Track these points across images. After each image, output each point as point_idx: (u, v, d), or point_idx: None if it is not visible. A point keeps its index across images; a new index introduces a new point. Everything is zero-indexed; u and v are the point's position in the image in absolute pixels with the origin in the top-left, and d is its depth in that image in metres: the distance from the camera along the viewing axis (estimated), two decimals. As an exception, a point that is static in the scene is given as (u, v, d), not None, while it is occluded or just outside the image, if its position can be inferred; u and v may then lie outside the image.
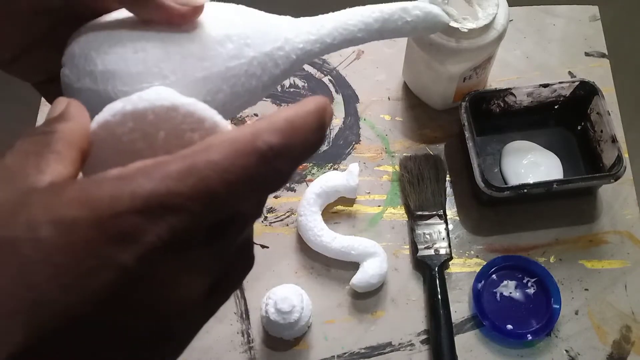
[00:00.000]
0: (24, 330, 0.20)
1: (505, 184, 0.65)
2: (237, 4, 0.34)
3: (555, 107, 0.67)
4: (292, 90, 0.71)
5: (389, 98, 0.71)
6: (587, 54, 0.73)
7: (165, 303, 0.22)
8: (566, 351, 0.59)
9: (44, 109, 0.71)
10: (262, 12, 0.33)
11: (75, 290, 0.20)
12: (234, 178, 0.21)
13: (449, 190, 0.66)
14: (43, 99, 0.72)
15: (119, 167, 0.22)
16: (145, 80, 0.29)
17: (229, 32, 0.31)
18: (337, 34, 0.32)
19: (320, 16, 0.33)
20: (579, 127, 0.67)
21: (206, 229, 0.22)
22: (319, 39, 0.32)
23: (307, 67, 0.72)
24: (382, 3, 0.34)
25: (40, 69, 0.33)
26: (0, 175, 0.23)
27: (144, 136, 0.26)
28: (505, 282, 0.61)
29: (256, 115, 0.70)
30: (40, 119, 0.70)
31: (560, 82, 0.65)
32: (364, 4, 0.34)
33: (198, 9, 0.29)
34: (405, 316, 0.61)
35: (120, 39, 0.30)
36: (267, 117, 0.23)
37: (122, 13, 0.31)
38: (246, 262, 0.27)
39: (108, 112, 0.26)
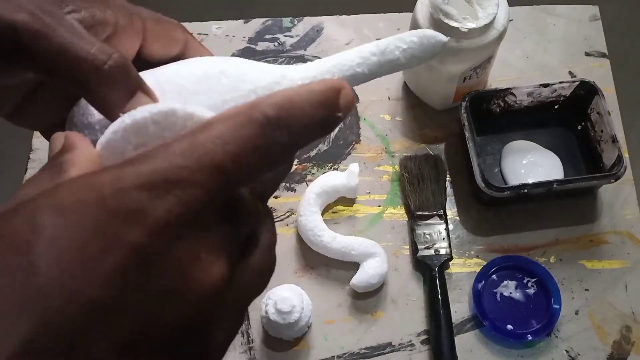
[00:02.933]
0: (32, 317, 0.19)
1: (505, 184, 0.65)
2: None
3: (556, 107, 0.67)
4: (292, 90, 0.71)
5: (389, 98, 0.71)
6: (587, 54, 0.73)
7: (187, 285, 0.21)
8: (566, 351, 0.59)
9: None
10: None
11: (85, 273, 0.19)
12: (237, 149, 0.22)
13: (449, 190, 0.66)
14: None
15: None
16: None
17: (224, 69, 0.30)
18: (336, 70, 0.31)
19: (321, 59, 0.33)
20: (579, 127, 0.67)
21: (218, 205, 0.22)
22: (318, 74, 0.31)
23: (307, 67, 0.72)
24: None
25: (39, 119, 0.33)
26: (12, 202, 0.22)
27: None
28: (505, 282, 0.61)
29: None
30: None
31: (560, 82, 0.65)
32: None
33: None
34: (405, 316, 0.61)
35: None
36: (269, 94, 0.23)
37: None
38: (269, 262, 0.27)
39: (109, 131, 0.26)
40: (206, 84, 0.30)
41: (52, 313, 0.19)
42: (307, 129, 0.24)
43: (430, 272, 0.61)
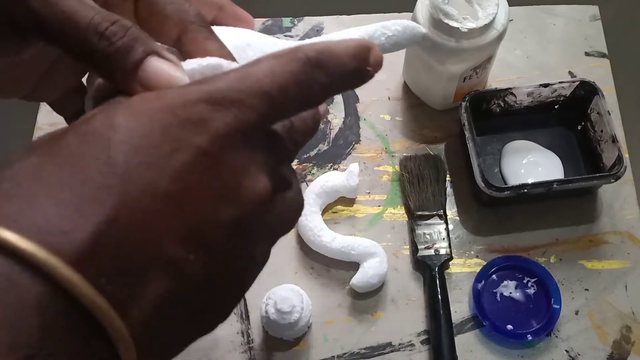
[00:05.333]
0: (111, 202, 0.21)
1: (505, 184, 0.65)
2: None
3: (556, 107, 0.67)
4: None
5: (389, 98, 0.71)
6: (587, 54, 0.73)
7: (239, 190, 0.24)
8: (566, 351, 0.59)
9: (44, 109, 0.71)
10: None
11: (158, 167, 0.22)
12: (282, 81, 0.25)
13: (449, 190, 0.66)
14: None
15: None
16: None
17: (249, 41, 0.34)
18: None
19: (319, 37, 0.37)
20: (579, 127, 0.67)
21: (266, 131, 0.26)
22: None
23: (307, 67, 0.72)
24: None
25: (54, 91, 0.35)
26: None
27: None
28: (505, 282, 0.61)
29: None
30: (40, 119, 0.70)
31: (560, 82, 0.65)
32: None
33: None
34: (405, 316, 0.61)
35: None
36: (310, 42, 0.27)
37: None
38: (300, 202, 0.30)
39: None
40: (236, 54, 0.32)
41: (131, 199, 0.22)
42: (342, 74, 0.27)
43: (430, 272, 0.61)
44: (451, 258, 0.62)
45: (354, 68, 0.27)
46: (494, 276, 0.61)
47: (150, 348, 0.23)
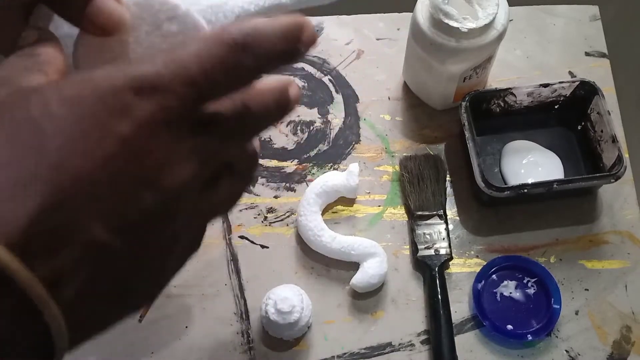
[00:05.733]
0: (44, 189, 0.22)
1: (505, 184, 0.65)
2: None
3: (556, 107, 0.67)
4: (292, 90, 0.71)
5: (389, 98, 0.71)
6: (587, 54, 0.73)
7: (161, 176, 0.25)
8: (566, 351, 0.59)
9: None
10: None
11: (88, 156, 0.23)
12: (208, 64, 0.25)
13: (449, 190, 0.66)
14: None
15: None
16: None
17: None
18: None
19: None
20: (579, 127, 0.67)
21: (192, 118, 0.26)
22: (253, 1, 0.37)
23: (307, 67, 0.72)
24: None
25: (2, 45, 0.35)
26: None
27: (131, 30, 0.31)
28: (505, 282, 0.61)
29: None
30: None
31: (560, 82, 0.65)
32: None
33: (118, 25, 0.32)
34: (405, 316, 0.61)
35: None
36: (239, 23, 0.27)
37: None
38: (238, 189, 0.31)
39: None
40: None
41: (63, 188, 0.23)
42: (271, 56, 0.27)
43: (430, 272, 0.61)
44: (451, 258, 0.62)
45: (284, 49, 0.27)
46: (494, 276, 0.61)
47: (80, 325, 0.24)
